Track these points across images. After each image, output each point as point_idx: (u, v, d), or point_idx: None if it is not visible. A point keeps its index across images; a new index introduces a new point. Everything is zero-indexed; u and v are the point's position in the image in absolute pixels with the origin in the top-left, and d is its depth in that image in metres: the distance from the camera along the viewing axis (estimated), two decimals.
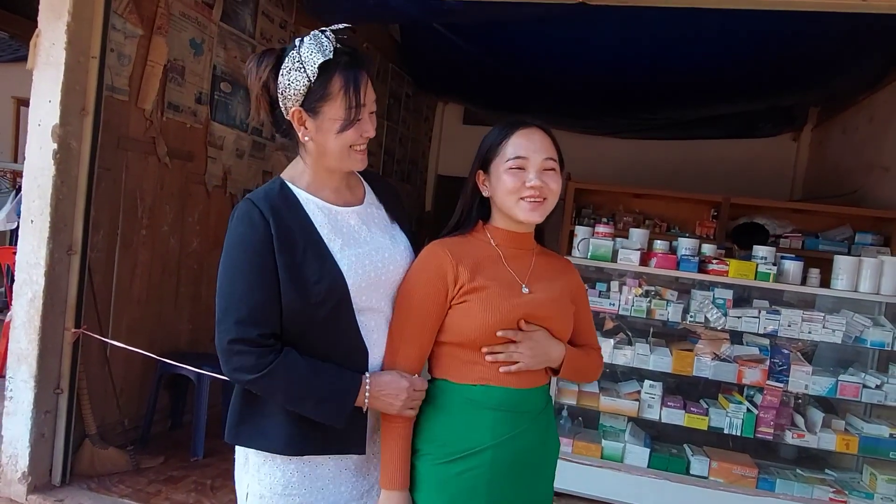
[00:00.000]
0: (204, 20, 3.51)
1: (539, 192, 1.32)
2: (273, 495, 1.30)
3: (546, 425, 1.40)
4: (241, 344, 1.21)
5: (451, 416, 1.33)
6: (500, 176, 1.34)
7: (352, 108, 1.25)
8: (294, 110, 1.28)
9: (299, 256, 1.25)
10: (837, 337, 2.95)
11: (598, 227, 3.28)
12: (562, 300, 1.39)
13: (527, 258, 1.40)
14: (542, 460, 1.40)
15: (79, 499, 2.71)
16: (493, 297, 1.30)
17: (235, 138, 3.89)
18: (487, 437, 1.30)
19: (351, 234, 1.34)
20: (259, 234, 1.24)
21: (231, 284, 1.24)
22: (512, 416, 1.32)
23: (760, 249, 3.09)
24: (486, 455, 1.30)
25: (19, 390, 2.69)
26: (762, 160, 6.31)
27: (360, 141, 1.31)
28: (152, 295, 3.38)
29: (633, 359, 3.16)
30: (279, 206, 1.28)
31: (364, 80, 1.28)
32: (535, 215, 1.34)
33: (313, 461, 1.32)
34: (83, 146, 2.76)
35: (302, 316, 1.25)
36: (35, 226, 2.67)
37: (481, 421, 1.31)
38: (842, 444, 2.95)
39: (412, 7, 3.75)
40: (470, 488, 1.30)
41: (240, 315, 1.21)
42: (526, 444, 1.34)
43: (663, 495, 3.06)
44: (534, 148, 1.34)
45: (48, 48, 2.65)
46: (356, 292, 1.29)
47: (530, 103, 5.97)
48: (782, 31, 3.73)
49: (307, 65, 1.24)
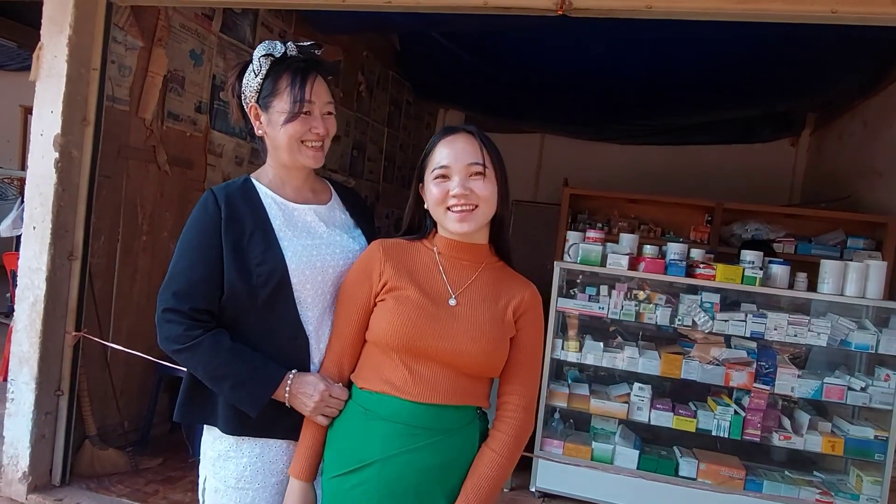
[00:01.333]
0: (204, 31, 3.60)
1: (465, 200, 1.27)
2: (227, 488, 1.36)
3: (446, 451, 1.25)
4: (172, 314, 1.30)
5: (348, 423, 1.30)
6: (429, 186, 1.32)
7: (296, 101, 1.35)
8: (251, 106, 1.41)
9: (245, 240, 1.34)
10: (823, 340, 2.99)
11: (589, 233, 3.33)
12: (492, 322, 1.28)
13: (468, 271, 1.33)
14: (431, 489, 1.25)
15: (78, 498, 2.78)
16: (411, 300, 1.27)
17: (235, 146, 3.98)
18: (377, 451, 1.24)
19: (305, 228, 1.42)
20: (209, 217, 1.34)
21: (176, 260, 1.34)
22: (404, 431, 1.24)
23: (748, 254, 3.14)
24: (373, 469, 1.23)
25: (21, 392, 2.77)
26: (761, 165, 6.34)
27: (311, 136, 1.39)
28: (152, 299, 3.41)
29: (623, 362, 3.21)
30: (235, 196, 1.38)
31: (312, 79, 1.38)
32: (465, 225, 1.28)
33: (266, 456, 1.37)
34: (84, 155, 2.85)
35: (243, 297, 1.33)
36: (37, 232, 2.76)
37: (373, 432, 1.25)
38: (827, 446, 2.98)
39: (407, 17, 3.83)
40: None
41: (177, 287, 1.31)
42: (416, 465, 1.23)
43: (652, 496, 3.10)
44: (455, 155, 1.29)
45: (50, 60, 2.74)
46: (298, 280, 1.35)
47: (527, 110, 6.05)
48: (776, 36, 3.78)
49: (255, 63, 1.38)
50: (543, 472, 3.22)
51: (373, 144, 6.04)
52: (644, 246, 3.27)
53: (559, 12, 2.15)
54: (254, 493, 1.36)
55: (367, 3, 2.52)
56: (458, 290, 1.32)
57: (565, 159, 6.84)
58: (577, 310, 3.26)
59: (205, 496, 1.42)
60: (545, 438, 3.25)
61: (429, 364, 1.26)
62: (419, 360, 1.26)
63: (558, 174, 5.86)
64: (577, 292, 3.27)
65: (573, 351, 3.26)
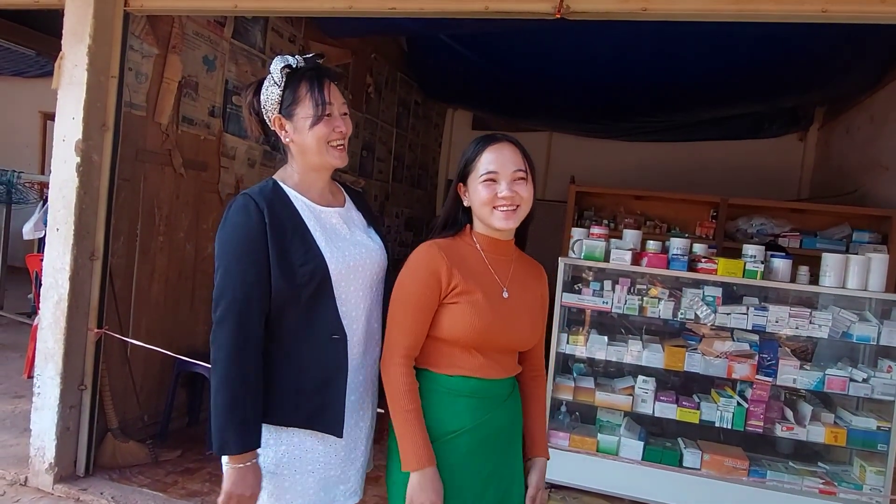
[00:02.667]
0: (216, 38, 3.71)
1: (511, 202, 1.45)
2: (266, 473, 1.43)
3: (513, 408, 1.57)
4: (234, 314, 1.36)
5: (435, 403, 1.47)
6: (476, 189, 1.48)
7: (318, 104, 1.44)
8: (274, 118, 1.49)
9: (288, 242, 1.42)
10: (824, 332, 3.03)
11: (593, 229, 3.40)
12: (534, 306, 1.55)
13: (507, 264, 1.54)
14: (511, 437, 1.57)
15: (101, 488, 2.90)
16: (481, 301, 1.45)
17: (247, 148, 4.09)
18: (467, 420, 1.47)
19: (333, 230, 1.50)
20: (253, 222, 1.40)
21: (227, 266, 1.40)
22: (485, 402, 1.49)
23: (750, 248, 3.18)
24: (467, 435, 1.46)
25: (46, 386, 2.89)
26: (769, 161, 6.35)
27: (335, 136, 1.48)
28: (170, 298, 3.58)
29: (628, 356, 3.27)
30: (272, 199, 1.45)
31: (327, 84, 1.47)
32: (510, 223, 1.47)
33: (303, 445, 1.45)
34: (104, 159, 2.97)
35: (287, 298, 1.40)
36: (60, 233, 2.88)
37: (460, 406, 1.47)
38: (830, 437, 3.02)
39: (413, 21, 3.91)
40: (453, 464, 1.45)
41: (235, 292, 1.37)
42: (497, 424, 1.51)
43: (657, 487, 3.16)
44: (503, 162, 1.47)
45: (71, 69, 2.86)
46: (337, 278, 1.44)
47: (535, 109, 6.11)
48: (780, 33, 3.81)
49: (275, 77, 1.47)
50: (550, 463, 3.19)
51: (382, 145, 6.13)
52: (647, 241, 3.33)
53: (557, 16, 2.23)
54: (291, 479, 1.43)
55: (373, 8, 2.60)
56: (505, 282, 1.51)
57: (573, 157, 6.90)
58: (582, 305, 3.32)
59: None
60: (552, 431, 3.32)
61: (497, 349, 1.50)
62: (489, 348, 1.48)
63: (566, 172, 5.92)
64: (582, 287, 3.34)
65: (579, 345, 3.33)
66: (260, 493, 1.42)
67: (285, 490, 1.43)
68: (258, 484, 1.40)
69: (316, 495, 1.45)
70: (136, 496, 2.86)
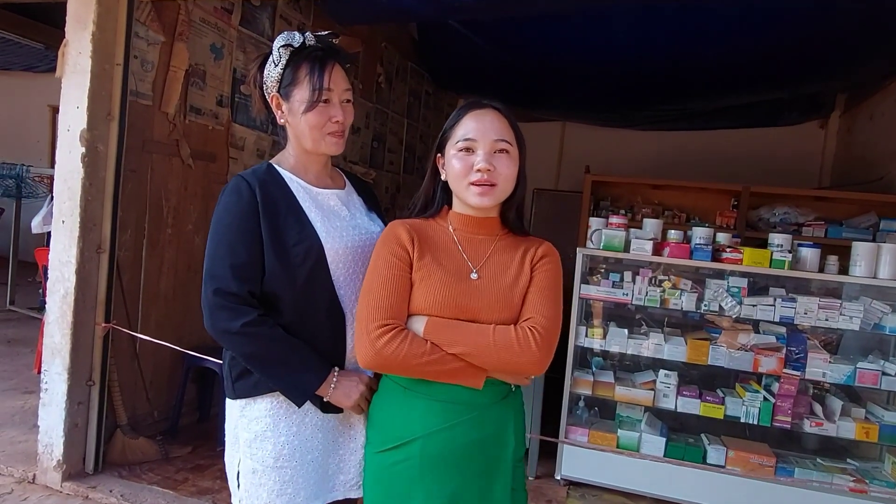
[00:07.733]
0: (223, 25, 3.63)
1: (487, 176, 1.27)
2: (265, 468, 1.38)
3: (495, 422, 1.30)
4: (223, 298, 1.33)
5: (386, 402, 1.34)
6: (451, 159, 1.32)
7: (315, 90, 1.37)
8: (272, 96, 1.44)
9: (281, 222, 1.37)
10: (855, 324, 2.91)
11: (612, 219, 3.29)
12: (512, 289, 1.30)
13: (486, 244, 1.35)
14: (488, 460, 1.29)
15: (111, 486, 2.84)
16: (435, 283, 1.28)
17: (256, 139, 4.01)
18: (418, 428, 1.27)
19: (330, 210, 1.45)
20: (245, 202, 1.36)
21: (216, 245, 1.37)
22: (445, 407, 1.26)
23: (776, 237, 3.06)
24: (415, 446, 1.26)
25: (53, 382, 2.83)
26: (789, 149, 6.20)
27: (331, 125, 1.41)
28: (179, 291, 3.51)
29: (648, 349, 3.17)
30: (265, 180, 1.40)
31: (330, 67, 1.39)
32: (485, 200, 1.29)
33: (303, 434, 1.40)
34: (110, 149, 2.89)
35: (282, 278, 1.35)
36: (66, 226, 2.81)
37: (413, 410, 1.28)
38: (861, 433, 2.91)
39: (424, 6, 3.81)
40: (405, 480, 1.27)
41: (224, 272, 1.33)
42: (465, 440, 1.26)
43: (680, 484, 3.06)
44: (483, 130, 1.29)
45: (75, 57, 2.78)
46: (332, 259, 1.38)
47: (548, 98, 5.98)
48: (800, 15, 3.68)
49: (275, 53, 1.41)
50: (569, 459, 3.20)
51: (393, 135, 6.04)
52: (668, 231, 3.22)
53: None
54: (292, 471, 1.38)
55: None
56: (478, 263, 1.34)
57: (587, 147, 6.77)
58: (600, 297, 3.22)
59: (240, 479, 1.43)
60: (570, 426, 3.23)
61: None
62: None
63: (580, 162, 5.79)
64: (601, 279, 3.23)
65: (597, 338, 3.23)
66: (266, 484, 1.38)
67: (287, 483, 1.39)
68: (356, 379, 1.39)
69: (317, 485, 1.41)
70: (145, 494, 2.80)
